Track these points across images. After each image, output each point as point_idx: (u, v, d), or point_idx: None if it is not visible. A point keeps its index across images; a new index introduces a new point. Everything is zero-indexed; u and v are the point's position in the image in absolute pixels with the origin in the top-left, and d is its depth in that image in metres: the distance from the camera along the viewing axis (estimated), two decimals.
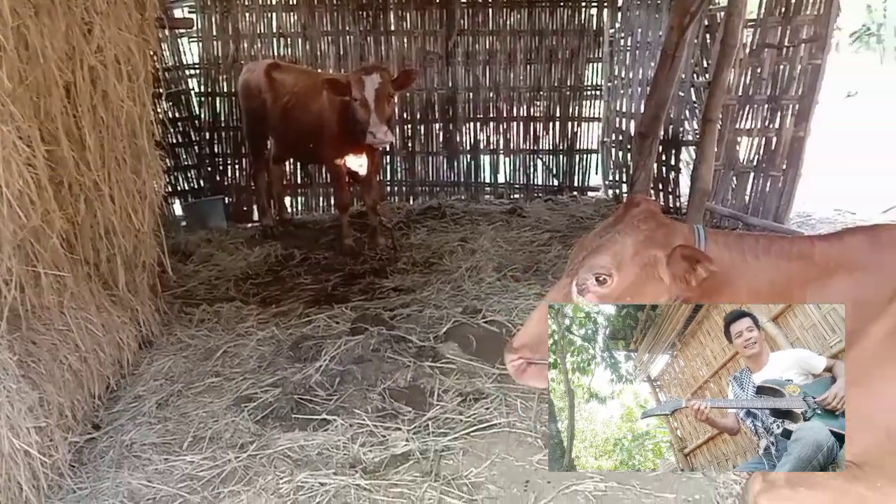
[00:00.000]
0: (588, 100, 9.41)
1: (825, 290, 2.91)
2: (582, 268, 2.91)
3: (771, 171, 7.54)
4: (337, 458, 3.45)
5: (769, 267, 2.97)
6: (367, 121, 6.18)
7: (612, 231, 2.95)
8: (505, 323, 4.79)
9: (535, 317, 3.05)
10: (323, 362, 4.39)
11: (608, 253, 2.88)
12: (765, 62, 7.37)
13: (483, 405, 3.91)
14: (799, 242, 3.08)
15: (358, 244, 7.18)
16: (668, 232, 2.96)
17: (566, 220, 7.88)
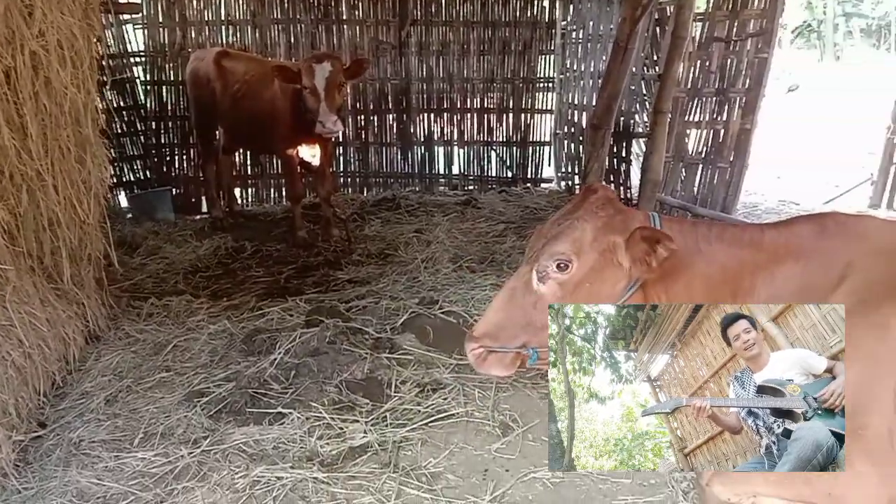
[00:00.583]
0: (541, 91, 9.49)
1: (774, 277, 2.99)
2: (542, 255, 2.92)
3: (719, 163, 7.70)
4: (294, 452, 3.40)
5: (722, 253, 3.03)
6: (317, 110, 6.09)
7: (571, 218, 2.97)
8: (462, 314, 4.78)
9: (495, 306, 3.06)
10: (277, 355, 4.32)
11: (568, 239, 2.90)
12: (713, 55, 7.51)
13: (441, 395, 3.90)
14: (750, 230, 3.15)
15: (311, 236, 7.09)
16: (626, 218, 2.99)
17: (520, 211, 7.92)
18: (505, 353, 2.97)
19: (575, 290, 2.89)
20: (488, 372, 3.08)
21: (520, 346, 2.97)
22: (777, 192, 9.65)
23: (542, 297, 2.94)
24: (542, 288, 2.93)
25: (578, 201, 3.07)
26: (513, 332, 2.97)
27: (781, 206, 8.80)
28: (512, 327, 2.97)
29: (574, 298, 2.91)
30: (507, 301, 3.01)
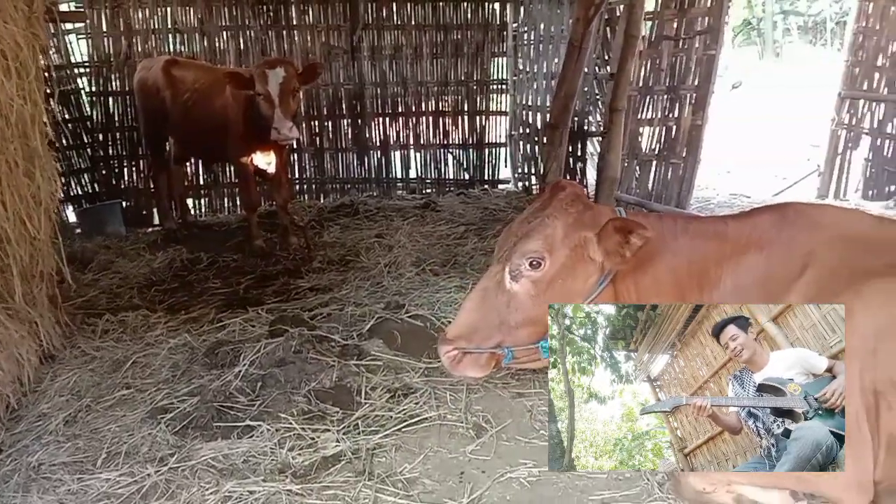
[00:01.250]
0: (495, 94, 9.53)
1: (738, 268, 3.04)
2: (514, 254, 2.91)
3: (672, 159, 7.84)
4: (265, 465, 3.32)
5: (687, 246, 3.06)
6: (272, 116, 6.01)
7: (541, 216, 2.97)
8: (429, 317, 4.76)
9: (467, 307, 3.04)
10: (242, 367, 4.23)
11: (540, 237, 2.90)
12: (663, 54, 7.65)
13: (412, 400, 3.86)
14: (714, 222, 3.20)
15: (269, 245, 6.98)
16: (595, 213, 3.01)
17: (480, 212, 7.93)
18: (480, 353, 2.96)
19: (548, 288, 2.89)
20: (463, 374, 3.06)
21: (494, 346, 2.96)
22: (728, 186, 9.88)
23: (515, 296, 2.93)
24: (516, 286, 2.92)
25: (547, 199, 3.07)
26: (487, 332, 2.95)
27: (733, 200, 9.00)
28: (486, 328, 2.96)
29: (547, 296, 2.90)
30: (480, 301, 3.00)
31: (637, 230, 2.73)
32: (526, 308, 2.90)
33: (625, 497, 3.03)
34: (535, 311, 2.91)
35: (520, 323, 2.91)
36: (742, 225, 3.11)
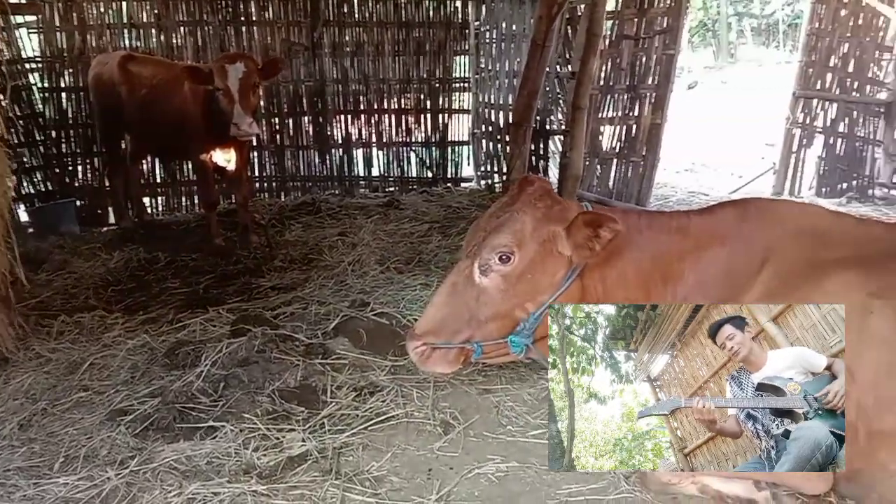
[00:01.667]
0: (457, 92, 9.53)
1: (701, 262, 3.08)
2: (483, 248, 2.91)
3: (632, 158, 7.95)
4: (229, 466, 3.26)
5: (652, 241, 3.10)
6: (231, 112, 5.91)
7: (510, 210, 2.98)
8: (394, 314, 4.72)
9: (436, 302, 3.03)
10: (204, 367, 4.14)
11: (509, 231, 2.90)
12: (623, 53, 7.74)
13: (379, 398, 3.83)
14: (677, 217, 3.24)
15: (229, 243, 6.87)
16: (564, 208, 3.02)
17: (443, 210, 7.91)
18: (449, 349, 2.95)
19: (517, 282, 2.90)
20: (433, 369, 3.04)
21: (463, 342, 2.95)
22: (686, 184, 10.06)
23: (484, 291, 2.93)
24: (485, 281, 2.92)
25: (515, 193, 3.08)
26: (456, 327, 2.94)
27: (692, 198, 9.15)
28: (455, 322, 2.95)
29: (516, 290, 2.91)
30: (449, 296, 2.99)
31: (607, 223, 2.75)
32: (495, 302, 2.90)
33: (591, 490, 3.05)
34: (504, 305, 2.92)
35: (489, 317, 2.91)
36: (704, 220, 3.16)
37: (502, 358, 3.17)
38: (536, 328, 2.95)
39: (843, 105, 8.80)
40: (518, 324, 2.93)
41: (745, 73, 23.31)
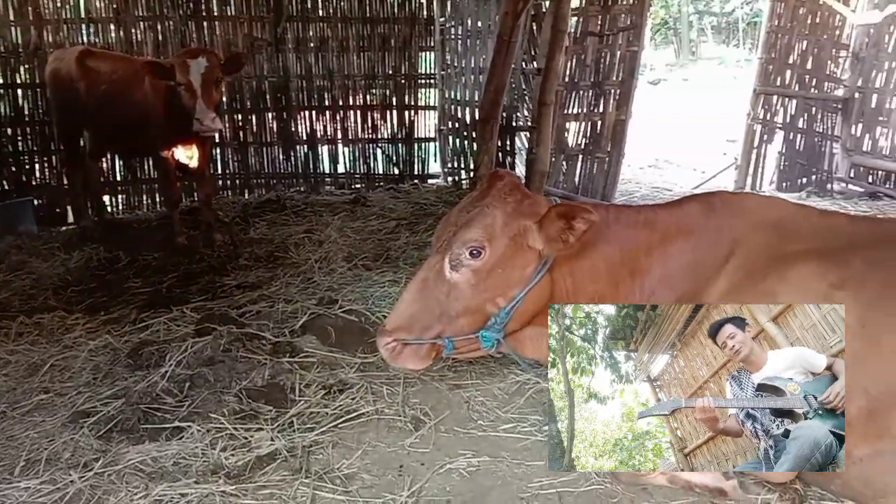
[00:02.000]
0: (423, 88, 9.51)
1: (668, 255, 3.12)
2: (454, 243, 2.90)
3: (597, 154, 8.02)
4: (196, 467, 3.20)
5: (620, 235, 3.13)
6: (194, 107, 5.82)
7: (480, 205, 2.97)
8: (363, 311, 4.69)
9: (407, 298, 3.01)
10: (168, 368, 4.07)
11: (480, 226, 2.90)
12: (588, 49, 7.80)
13: (348, 395, 3.79)
14: (644, 211, 3.27)
15: (192, 242, 6.75)
16: (534, 202, 3.03)
17: (411, 207, 7.88)
18: (420, 344, 2.94)
19: (488, 276, 2.90)
20: (404, 366, 3.03)
21: (435, 337, 2.94)
22: (650, 180, 10.18)
23: (455, 286, 2.92)
24: (456, 276, 2.91)
25: (485, 188, 3.08)
26: (427, 322, 2.93)
27: (656, 193, 9.27)
28: (426, 318, 2.94)
29: (487, 284, 2.91)
30: (420, 292, 2.98)
31: (581, 215, 2.76)
32: (466, 297, 2.90)
33: (562, 483, 3.05)
34: (475, 300, 2.91)
35: (460, 312, 2.91)
36: (670, 214, 3.19)
37: (474, 353, 3.17)
38: (507, 322, 2.95)
39: (802, 101, 8.99)
40: (489, 318, 2.93)
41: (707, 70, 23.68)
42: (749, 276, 2.91)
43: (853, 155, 9.08)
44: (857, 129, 9.09)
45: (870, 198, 8.67)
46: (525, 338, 3.12)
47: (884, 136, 8.83)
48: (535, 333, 3.12)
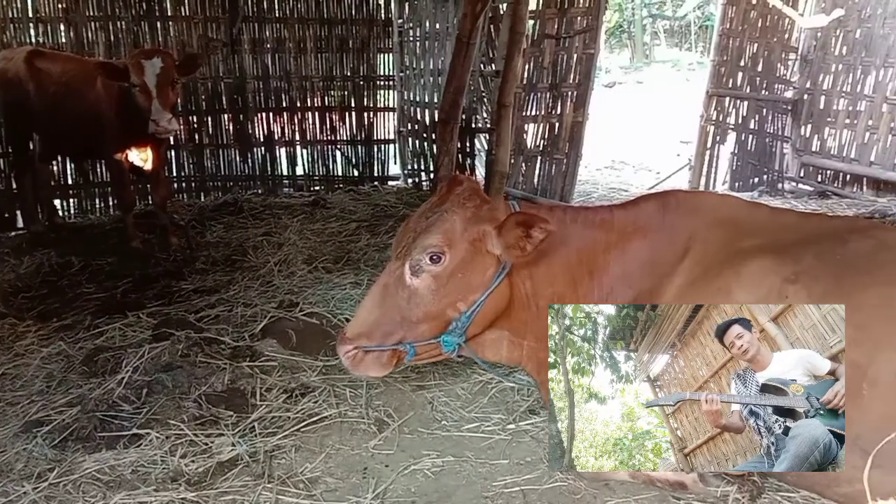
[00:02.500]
0: (382, 90, 9.47)
1: (625, 253, 3.18)
2: (414, 249, 2.91)
3: (556, 155, 8.10)
4: (156, 474, 3.14)
5: (577, 235, 3.18)
6: (149, 108, 5.72)
7: (439, 210, 2.99)
8: (324, 314, 4.66)
9: (367, 305, 3.02)
10: (125, 374, 3.98)
11: (439, 231, 2.92)
12: (545, 52, 7.87)
13: (311, 399, 3.77)
14: (601, 212, 3.33)
15: (147, 246, 6.62)
16: (493, 207, 3.06)
17: (371, 209, 7.85)
18: (382, 351, 2.94)
19: (448, 282, 2.92)
20: (365, 373, 3.03)
21: (396, 343, 2.95)
22: (607, 181, 10.32)
23: (416, 292, 2.93)
24: (416, 282, 2.92)
25: (444, 193, 3.10)
26: (388, 329, 2.94)
27: (612, 193, 9.40)
28: (387, 325, 2.94)
29: (447, 289, 2.93)
30: (380, 299, 2.98)
31: (539, 224, 2.79)
32: (427, 303, 2.92)
33: (526, 481, 3.08)
34: (435, 305, 2.94)
35: (421, 318, 2.93)
36: (627, 213, 3.25)
37: (436, 358, 3.19)
38: (468, 327, 2.97)
39: (754, 103, 9.21)
40: (450, 323, 2.95)
41: (661, 73, 24.09)
42: (705, 272, 2.98)
43: (802, 155, 9.34)
44: (806, 130, 9.35)
45: (819, 196, 8.92)
46: (487, 341, 3.15)
47: (831, 136, 9.09)
48: (497, 336, 3.16)
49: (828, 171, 9.21)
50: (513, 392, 3.86)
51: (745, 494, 2.80)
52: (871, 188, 8.67)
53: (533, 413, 3.63)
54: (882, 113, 8.46)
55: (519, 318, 3.11)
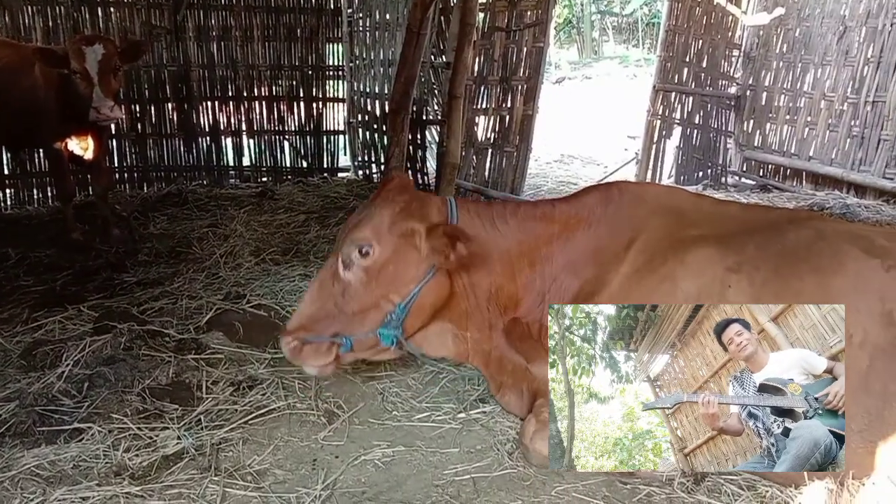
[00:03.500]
0: (331, 80, 9.38)
1: (569, 244, 3.25)
2: (345, 243, 3.00)
3: (506, 148, 8.15)
4: (98, 468, 3.05)
5: (516, 229, 3.25)
6: (90, 96, 5.54)
7: (370, 206, 3.07)
8: (273, 306, 4.60)
9: (307, 298, 3.10)
10: (65, 368, 3.87)
11: (368, 226, 3.01)
12: (495, 44, 7.90)
13: (259, 391, 3.71)
14: (542, 205, 3.41)
15: (87, 238, 6.42)
16: (423, 204, 3.14)
17: (321, 200, 7.77)
18: (319, 343, 2.99)
19: (379, 275, 2.99)
20: (305, 363, 3.09)
21: (333, 335, 3.01)
22: (556, 174, 10.43)
23: (349, 285, 3.02)
24: (349, 275, 3.02)
25: (378, 191, 3.21)
26: (326, 322, 3.03)
27: (562, 186, 9.50)
28: (325, 317, 3.04)
29: (379, 282, 3.00)
30: (318, 292, 3.09)
31: (464, 241, 2.89)
32: (360, 295, 2.99)
33: (477, 469, 3.10)
34: (368, 297, 3.00)
35: (356, 311, 2.99)
36: (570, 206, 3.33)
37: (380, 355, 3.22)
38: (405, 319, 3.02)
39: (699, 98, 9.42)
40: (386, 316, 3.00)
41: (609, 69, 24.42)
42: (650, 260, 3.05)
43: (745, 150, 9.59)
44: (748, 126, 9.61)
45: (760, 190, 9.18)
46: (431, 335, 3.20)
47: (773, 132, 9.36)
48: (440, 329, 3.20)
49: (769, 165, 9.48)
50: (464, 382, 3.88)
51: (690, 479, 2.86)
52: (810, 182, 8.96)
53: (483, 402, 3.65)
54: (820, 109, 8.74)
55: (459, 308, 3.17)
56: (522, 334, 3.24)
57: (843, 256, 2.71)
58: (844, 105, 8.45)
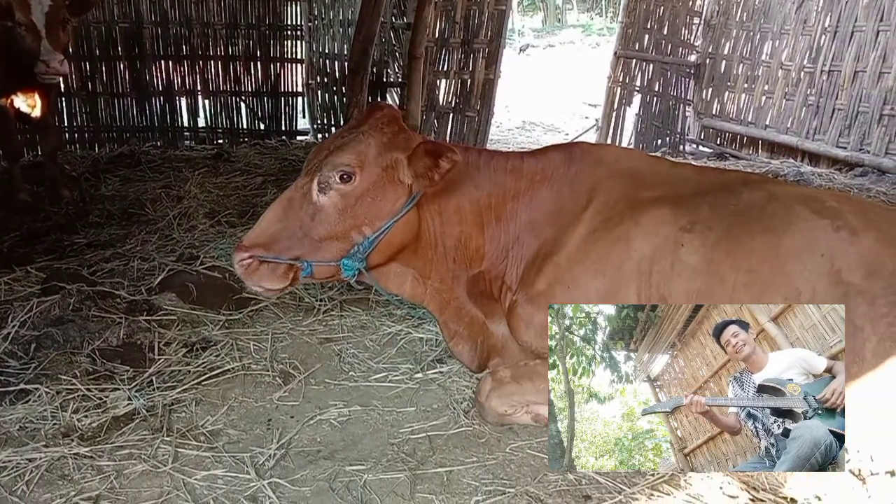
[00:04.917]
0: (290, 40, 9.16)
1: (532, 202, 3.23)
2: (325, 166, 2.85)
3: (467, 112, 8.09)
4: (46, 430, 2.98)
5: (488, 179, 3.21)
6: (38, 49, 5.33)
7: (356, 132, 2.94)
8: (227, 268, 4.49)
9: (269, 216, 2.93)
10: (11, 329, 3.75)
11: (353, 152, 2.88)
12: (457, 7, 7.80)
13: (212, 353, 3.66)
14: (512, 158, 3.36)
15: (35, 199, 6.22)
16: (409, 137, 3.04)
17: (278, 163, 7.64)
18: (277, 263, 2.85)
19: (356, 203, 2.88)
20: (259, 283, 2.91)
21: (293, 259, 2.87)
22: (518, 140, 10.42)
23: (322, 209, 2.88)
24: (323, 199, 2.87)
25: (364, 117, 3.07)
26: (288, 243, 2.87)
27: None
28: (287, 239, 2.87)
29: (354, 211, 2.90)
30: (284, 211, 2.91)
31: (446, 154, 2.80)
32: (331, 222, 2.88)
33: (433, 427, 3.10)
34: (340, 225, 2.89)
35: (323, 237, 2.88)
36: (535, 162, 3.29)
37: (333, 279, 3.15)
38: (370, 253, 2.94)
39: (659, 66, 9.46)
40: (353, 247, 2.91)
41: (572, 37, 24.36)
42: (606, 221, 3.05)
43: (703, 118, 9.68)
44: (707, 94, 9.69)
45: (717, 158, 9.30)
46: (390, 273, 3.15)
47: (731, 100, 9.46)
48: (400, 270, 3.16)
49: (726, 133, 9.60)
50: (421, 343, 3.87)
51: None
52: (766, 150, 9.10)
53: (441, 363, 3.65)
54: (777, 78, 8.85)
55: (425, 255, 3.12)
56: (483, 291, 3.23)
57: (793, 217, 2.75)
58: (801, 74, 8.56)
